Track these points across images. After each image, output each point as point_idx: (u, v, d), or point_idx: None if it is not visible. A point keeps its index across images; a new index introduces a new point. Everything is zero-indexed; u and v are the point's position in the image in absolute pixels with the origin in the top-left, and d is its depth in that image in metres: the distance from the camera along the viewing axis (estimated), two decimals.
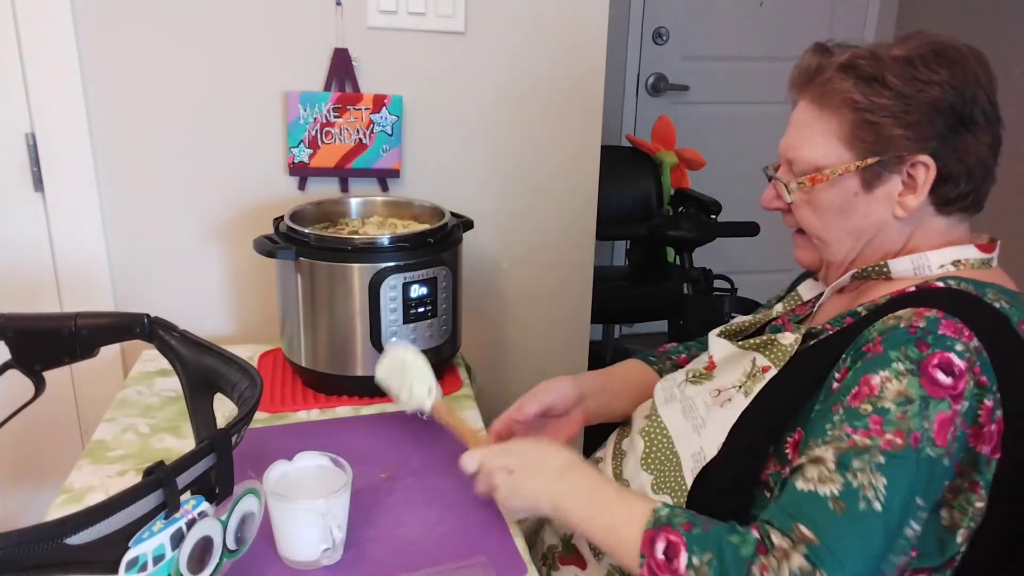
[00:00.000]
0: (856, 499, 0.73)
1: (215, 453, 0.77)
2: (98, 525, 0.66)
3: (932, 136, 0.85)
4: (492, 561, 0.91)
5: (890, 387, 0.76)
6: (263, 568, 0.89)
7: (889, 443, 0.74)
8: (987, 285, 0.85)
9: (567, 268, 1.67)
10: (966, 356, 0.77)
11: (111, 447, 1.12)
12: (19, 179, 1.40)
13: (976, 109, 0.85)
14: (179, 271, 1.50)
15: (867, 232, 0.92)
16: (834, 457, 0.76)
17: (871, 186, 0.89)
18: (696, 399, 0.99)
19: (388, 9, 1.41)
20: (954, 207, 0.89)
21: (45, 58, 1.34)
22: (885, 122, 0.85)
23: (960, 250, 0.90)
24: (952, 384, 0.76)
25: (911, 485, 0.74)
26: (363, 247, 1.21)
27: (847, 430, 0.76)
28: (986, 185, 0.89)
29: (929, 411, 0.75)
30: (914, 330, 0.78)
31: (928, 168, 0.86)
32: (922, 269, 0.89)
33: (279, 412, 1.23)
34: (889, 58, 0.86)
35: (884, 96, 0.85)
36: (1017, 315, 0.83)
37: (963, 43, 0.88)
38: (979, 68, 0.86)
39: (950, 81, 0.84)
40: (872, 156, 0.87)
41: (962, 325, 0.78)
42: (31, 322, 0.95)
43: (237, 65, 1.41)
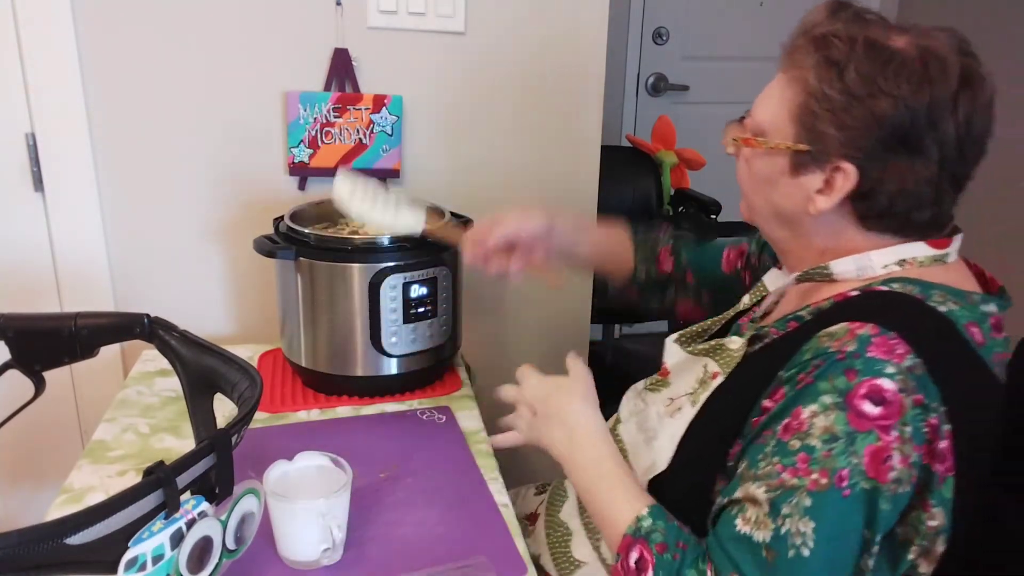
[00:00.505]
0: (785, 547, 0.72)
1: (215, 453, 0.77)
2: (98, 525, 0.66)
3: (862, 146, 0.79)
4: (492, 561, 0.91)
5: (817, 423, 0.74)
6: (263, 568, 0.89)
7: (815, 483, 0.72)
8: (934, 286, 0.80)
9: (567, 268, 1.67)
10: (897, 379, 0.73)
11: (111, 447, 1.12)
12: (19, 179, 1.40)
13: (929, 137, 0.78)
14: (179, 271, 1.50)
15: (788, 215, 0.88)
16: (767, 500, 0.74)
17: (797, 171, 0.84)
18: (651, 409, 0.99)
19: (388, 9, 1.41)
20: (876, 225, 0.84)
21: (45, 58, 1.34)
22: (824, 115, 0.80)
23: (907, 248, 0.84)
24: (882, 413, 0.72)
25: (841, 524, 0.72)
26: (363, 247, 1.21)
27: (778, 467, 0.74)
28: (921, 213, 0.82)
29: (856, 446, 0.72)
30: (843, 356, 0.74)
31: (847, 177, 0.81)
32: (865, 270, 0.84)
33: (279, 412, 1.23)
34: (867, 48, 0.79)
35: (835, 88, 0.79)
36: (966, 317, 0.78)
37: (965, 59, 0.80)
38: (965, 93, 0.78)
39: (907, 99, 0.77)
40: (804, 143, 0.83)
41: (897, 341, 0.74)
42: (31, 322, 0.95)
43: (237, 65, 1.41)
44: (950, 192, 0.82)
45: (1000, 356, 0.80)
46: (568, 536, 1.04)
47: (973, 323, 0.79)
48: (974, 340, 0.78)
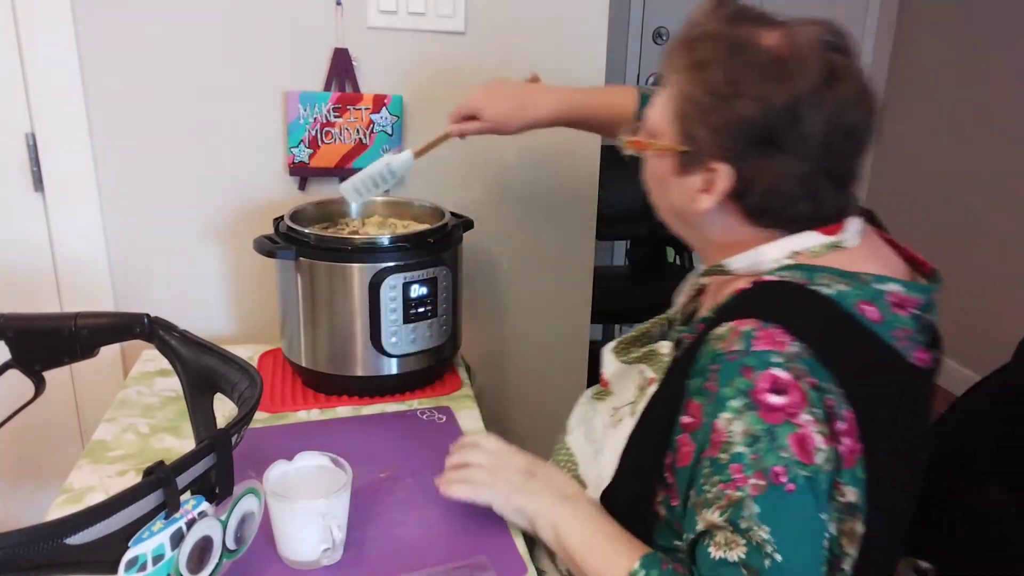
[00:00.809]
0: (760, 559, 0.71)
1: (215, 453, 0.77)
2: (98, 525, 0.66)
3: (731, 147, 0.81)
4: (492, 561, 0.91)
5: (735, 429, 0.74)
6: (263, 568, 0.89)
7: (755, 487, 0.72)
8: (819, 270, 0.81)
9: (567, 268, 1.67)
10: (787, 366, 0.74)
11: (111, 447, 1.12)
12: (19, 179, 1.40)
13: (794, 134, 0.78)
14: (179, 271, 1.50)
15: (683, 214, 0.90)
16: (725, 520, 0.74)
17: (682, 172, 0.86)
18: (597, 420, 1.00)
19: (388, 9, 1.41)
20: (761, 220, 0.85)
21: (45, 58, 1.34)
22: (695, 117, 0.82)
23: (798, 239, 0.84)
24: (788, 402, 0.73)
25: (795, 519, 0.72)
26: (363, 247, 1.21)
27: (720, 486, 0.74)
28: (797, 208, 0.83)
29: (778, 440, 0.72)
30: (733, 356, 0.76)
31: (723, 177, 0.82)
32: (757, 265, 0.85)
33: (279, 412, 1.23)
34: (730, 49, 0.80)
35: (702, 90, 0.81)
36: (857, 296, 0.79)
37: (833, 55, 0.79)
38: (830, 89, 0.78)
39: (766, 99, 0.78)
40: (684, 145, 0.85)
41: (778, 331, 0.75)
42: (31, 322, 0.95)
43: (237, 65, 1.41)
44: (828, 186, 0.82)
45: (904, 331, 0.80)
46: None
47: (866, 301, 0.79)
48: (867, 318, 0.78)
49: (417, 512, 0.99)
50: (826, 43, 0.80)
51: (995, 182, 2.85)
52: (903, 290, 0.81)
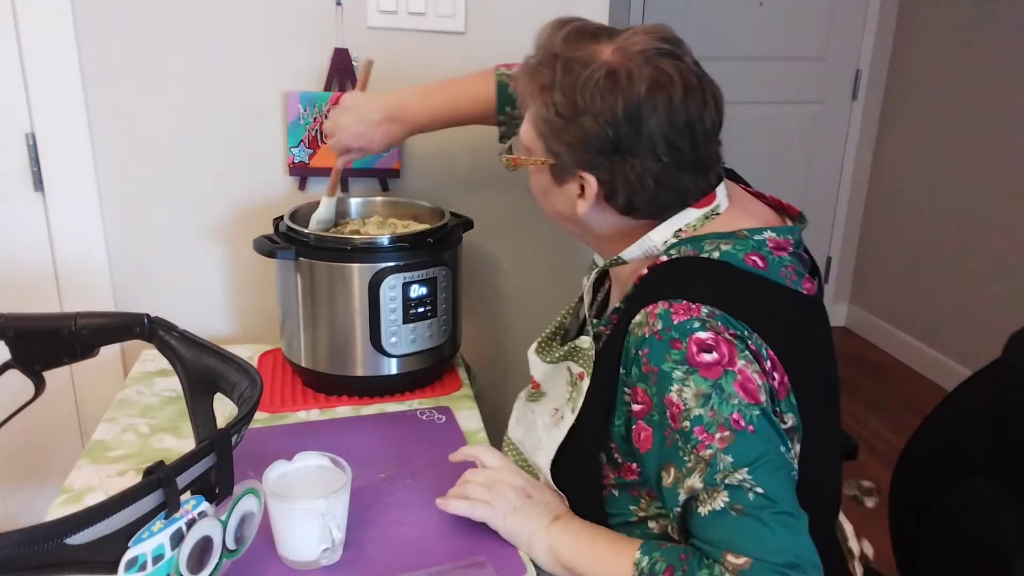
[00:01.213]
0: (743, 494, 0.77)
1: (215, 453, 0.77)
2: (98, 525, 0.66)
3: (587, 159, 0.88)
4: (492, 561, 0.91)
5: (687, 395, 0.81)
6: (263, 568, 0.89)
7: (722, 440, 0.79)
8: (703, 239, 0.90)
9: (567, 268, 1.67)
10: (707, 326, 0.82)
11: (111, 447, 1.12)
12: (19, 179, 1.40)
13: (638, 139, 0.85)
14: (179, 271, 1.50)
15: (571, 218, 0.96)
16: (702, 481, 0.79)
17: (558, 182, 0.94)
18: (537, 420, 1.05)
19: (388, 9, 1.41)
20: (634, 214, 0.92)
21: (45, 58, 1.34)
22: (550, 136, 0.90)
23: (678, 219, 0.92)
24: (718, 356, 0.81)
25: (765, 452, 0.79)
26: (363, 247, 1.21)
27: (693, 452, 0.80)
28: (659, 198, 0.90)
29: (726, 391, 0.80)
30: (659, 335, 0.83)
31: (590, 184, 0.90)
32: (650, 251, 0.93)
33: (279, 412, 1.23)
34: (564, 71, 0.87)
35: (550, 111, 0.88)
36: (741, 250, 0.88)
37: (658, 61, 0.86)
38: (657, 94, 0.85)
39: (603, 113, 0.85)
40: (551, 158, 0.92)
41: (686, 303, 0.83)
42: (31, 322, 0.95)
43: (237, 65, 1.41)
44: (683, 175, 0.89)
45: (788, 269, 0.90)
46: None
47: (752, 253, 0.88)
48: (756, 267, 0.88)
49: (417, 512, 1.00)
50: (653, 51, 0.86)
51: (995, 182, 2.85)
52: (776, 235, 0.91)
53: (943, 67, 3.05)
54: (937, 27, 3.07)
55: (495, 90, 1.23)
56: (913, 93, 3.22)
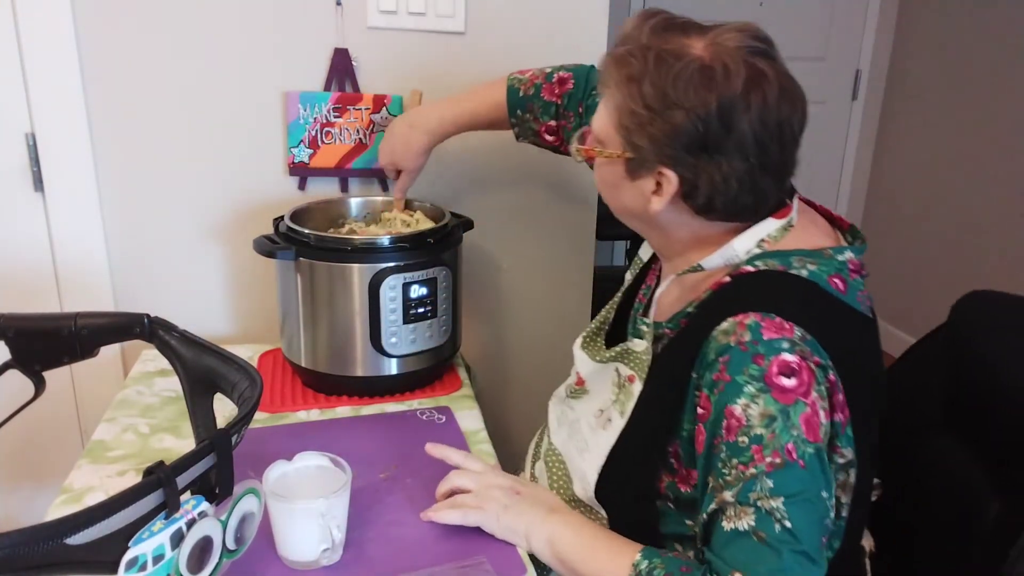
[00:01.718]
0: (770, 524, 0.76)
1: (215, 453, 0.77)
2: (98, 525, 0.66)
3: (671, 154, 0.86)
4: (492, 561, 0.91)
5: (752, 412, 0.79)
6: (263, 568, 0.89)
7: (771, 465, 0.77)
8: (791, 254, 0.88)
9: (567, 268, 1.67)
10: (796, 350, 0.80)
11: (111, 447, 1.12)
12: (19, 179, 1.40)
13: (728, 138, 0.83)
14: (179, 271, 1.50)
15: (638, 214, 0.94)
16: (735, 496, 0.78)
17: (633, 176, 0.91)
18: (581, 420, 1.04)
19: (388, 9, 1.41)
20: (710, 215, 0.90)
21: (45, 58, 1.34)
22: (634, 129, 0.87)
23: (761, 228, 0.91)
24: (797, 383, 0.79)
25: (805, 491, 0.77)
26: (363, 247, 1.21)
27: (739, 467, 0.79)
28: (741, 201, 0.88)
29: (792, 419, 0.78)
30: (744, 346, 0.81)
31: (669, 181, 0.87)
32: (731, 259, 0.91)
33: (279, 412, 1.23)
34: (657, 63, 0.84)
35: (637, 103, 0.86)
36: (826, 272, 0.86)
37: (754, 60, 0.84)
38: (753, 92, 0.82)
39: (696, 108, 0.82)
40: (629, 152, 0.89)
41: (780, 320, 0.81)
42: (31, 322, 0.95)
43: (237, 65, 1.41)
44: (768, 180, 0.88)
45: (862, 292, 0.89)
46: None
47: (835, 275, 0.87)
48: (838, 290, 0.86)
49: (417, 512, 0.99)
50: (747, 48, 0.84)
51: (995, 182, 2.85)
52: (855, 256, 0.90)
53: (943, 67, 3.05)
54: (937, 27, 3.07)
55: (506, 94, 1.25)
56: (913, 93, 3.22)
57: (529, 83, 1.25)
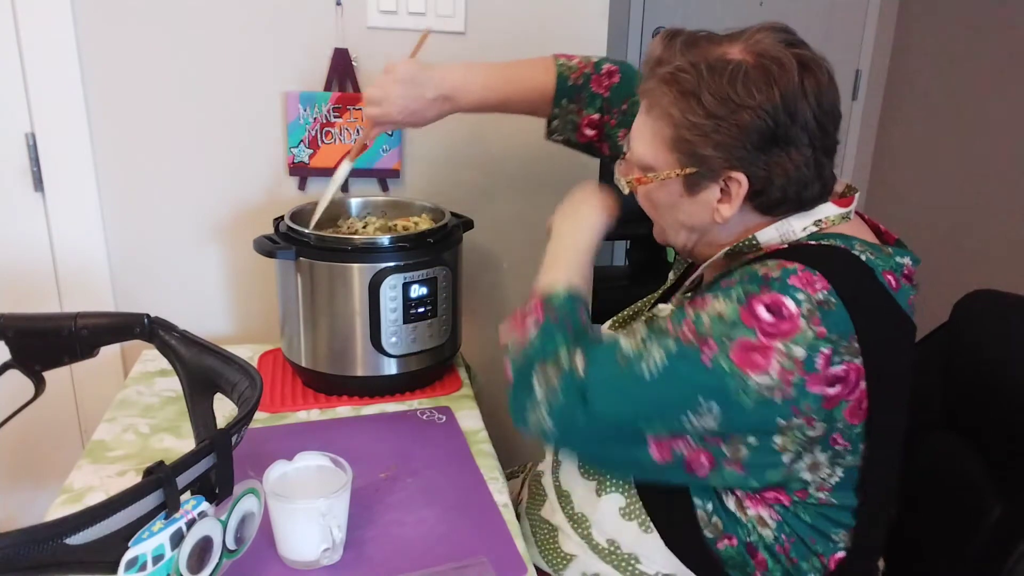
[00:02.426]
0: (637, 363, 0.84)
1: (215, 453, 0.77)
2: (98, 525, 0.66)
3: (742, 156, 0.87)
4: (492, 561, 0.91)
5: (715, 305, 0.84)
6: (263, 568, 0.89)
7: (684, 335, 0.83)
8: (854, 239, 0.90)
9: None
10: (804, 305, 0.81)
11: (111, 447, 1.12)
12: (19, 179, 1.40)
13: (794, 127, 0.86)
14: (179, 271, 1.50)
15: (698, 228, 0.96)
16: (646, 330, 0.86)
17: (693, 191, 0.92)
18: None
19: (388, 9, 1.41)
20: (776, 211, 0.92)
21: (45, 58, 1.34)
22: (697, 140, 0.88)
23: (820, 210, 0.92)
24: (771, 322, 0.81)
25: (687, 376, 0.82)
26: (363, 247, 1.21)
27: (668, 324, 0.86)
28: (809, 190, 0.90)
29: (733, 332, 0.81)
30: (767, 276, 0.83)
31: (740, 184, 0.88)
32: (788, 235, 0.92)
33: (279, 412, 1.23)
34: (711, 72, 0.86)
35: (698, 114, 0.87)
36: (882, 266, 0.88)
37: (796, 50, 0.87)
38: (807, 79, 0.85)
39: (763, 105, 0.84)
40: (690, 167, 0.90)
41: (818, 277, 0.82)
42: (31, 322, 0.95)
43: (237, 65, 1.41)
44: (827, 162, 0.90)
45: (911, 299, 0.90)
46: (554, 533, 1.05)
47: (889, 271, 0.88)
48: (890, 285, 0.87)
49: (417, 512, 0.99)
50: (787, 42, 0.88)
51: (995, 182, 2.85)
52: (911, 263, 0.91)
53: (943, 67, 3.05)
54: (937, 27, 3.07)
55: (555, 81, 1.20)
56: (913, 93, 3.22)
57: (579, 72, 1.21)
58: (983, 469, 1.01)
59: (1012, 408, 0.97)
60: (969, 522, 0.98)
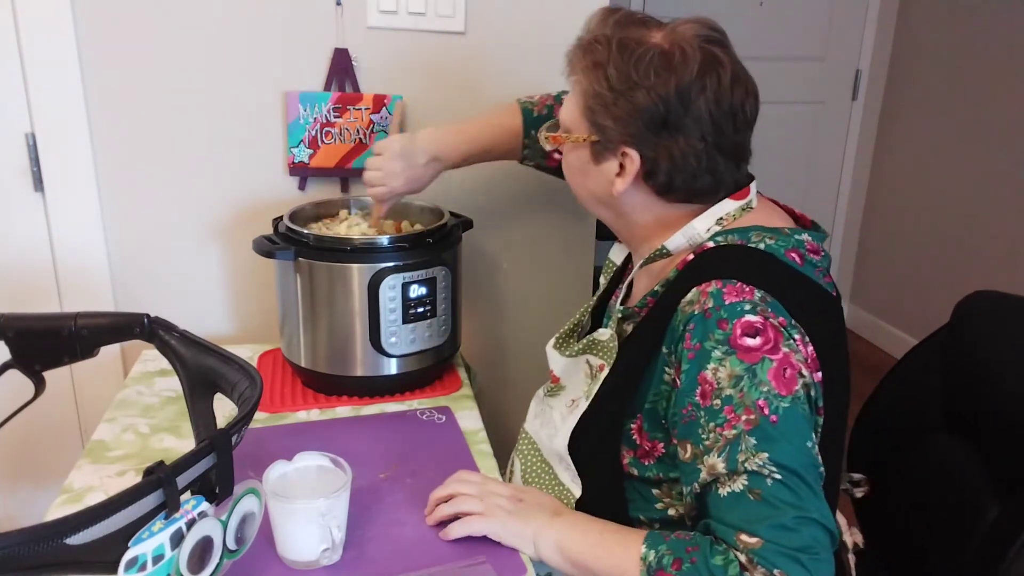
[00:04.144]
0: (762, 480, 0.79)
1: (215, 453, 0.77)
2: (98, 525, 0.66)
3: (634, 133, 0.91)
4: (492, 561, 0.91)
5: (721, 375, 0.83)
6: (263, 568, 0.89)
7: (748, 423, 0.81)
8: (749, 229, 0.93)
9: (567, 268, 1.67)
10: (757, 311, 0.84)
11: (111, 447, 1.13)
12: (19, 179, 1.40)
13: (686, 117, 0.89)
14: (179, 271, 1.50)
15: (604, 199, 0.99)
16: (724, 461, 0.82)
17: (597, 160, 0.97)
18: (554, 412, 1.07)
19: (388, 9, 1.41)
20: (671, 196, 0.95)
21: (45, 58, 1.34)
22: (599, 110, 0.93)
23: (719, 208, 0.96)
24: (762, 341, 0.83)
25: (787, 443, 0.80)
26: (363, 247, 1.21)
27: (718, 431, 0.83)
28: (699, 181, 0.93)
29: (759, 376, 0.82)
30: (708, 312, 0.85)
31: (632, 160, 0.93)
32: (693, 238, 0.96)
33: (279, 412, 1.23)
34: (620, 48, 0.90)
35: (602, 86, 0.92)
36: (783, 246, 0.92)
37: (709, 47, 0.90)
38: (709, 76, 0.89)
39: (656, 88, 0.89)
40: (594, 135, 0.95)
41: (740, 284, 0.86)
42: (31, 322, 0.95)
43: (237, 65, 1.41)
44: (723, 160, 0.93)
45: (819, 270, 0.94)
46: None
47: (791, 249, 0.92)
48: (795, 262, 0.91)
49: (417, 512, 1.00)
50: (703, 37, 0.91)
51: (995, 182, 2.85)
52: (811, 239, 0.95)
53: (943, 67, 3.05)
54: (937, 27, 3.07)
55: (520, 117, 1.27)
56: (913, 93, 3.22)
57: (541, 104, 1.29)
58: (982, 469, 1.01)
59: (1012, 409, 0.97)
60: (966, 521, 0.98)
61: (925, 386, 1.13)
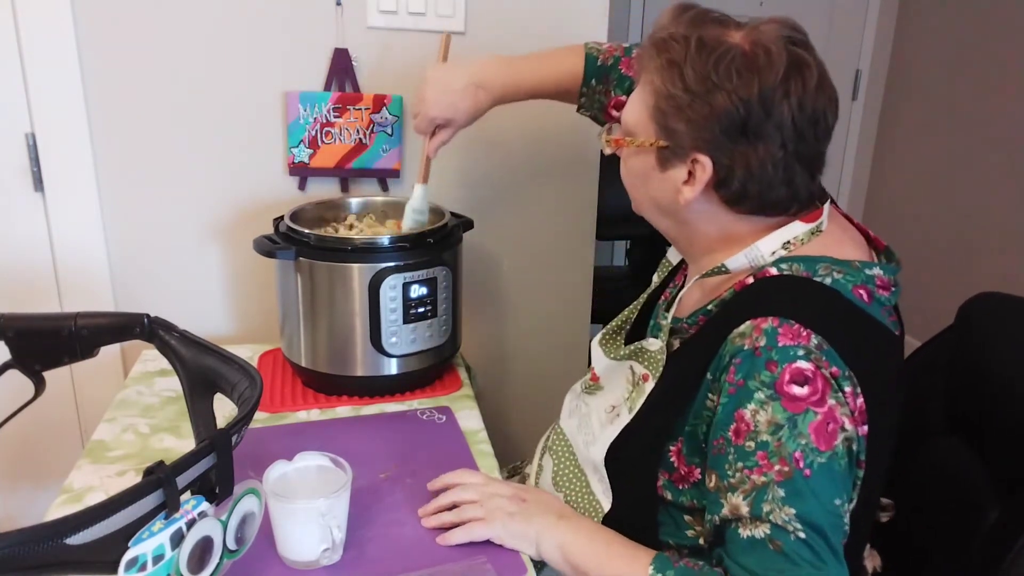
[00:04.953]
0: (786, 534, 0.76)
1: (215, 453, 0.77)
2: (98, 525, 0.66)
3: (709, 139, 0.85)
4: (492, 561, 0.91)
5: (760, 419, 0.79)
6: (263, 568, 0.89)
7: (780, 473, 0.78)
8: (817, 260, 0.87)
9: (567, 268, 1.67)
10: (811, 358, 0.79)
11: (111, 447, 1.12)
12: (19, 179, 1.40)
13: (767, 123, 0.83)
14: (179, 271, 1.50)
15: (668, 207, 0.93)
16: (748, 506, 0.79)
17: (664, 166, 0.90)
18: (592, 415, 1.04)
19: (388, 9, 1.41)
20: (741, 207, 0.89)
21: (45, 58, 1.34)
22: (672, 113, 0.86)
23: (787, 230, 0.90)
24: (809, 391, 0.78)
25: (816, 500, 0.77)
26: (363, 247, 1.21)
27: (745, 472, 0.80)
28: (773, 193, 0.87)
29: (799, 428, 0.78)
30: (759, 351, 0.80)
31: (704, 168, 0.86)
32: (756, 260, 0.90)
33: (279, 412, 1.23)
34: (699, 47, 0.84)
35: (677, 87, 0.85)
36: (851, 282, 0.85)
37: (794, 48, 0.84)
38: (794, 79, 0.83)
39: (737, 91, 0.82)
40: (663, 140, 0.89)
41: (798, 326, 0.80)
42: (31, 322, 0.95)
43: (237, 65, 1.41)
44: (801, 171, 0.87)
45: (887, 308, 0.89)
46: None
47: (860, 286, 0.86)
48: (862, 300, 0.85)
49: (417, 512, 0.99)
50: (787, 38, 0.85)
51: (995, 182, 2.85)
52: (883, 274, 0.89)
53: (943, 67, 3.05)
54: (937, 27, 3.07)
55: (583, 61, 1.20)
56: (913, 93, 3.22)
57: (608, 54, 1.21)
58: (984, 471, 1.00)
59: (1015, 411, 0.97)
60: (968, 523, 0.98)
61: (929, 388, 1.13)
